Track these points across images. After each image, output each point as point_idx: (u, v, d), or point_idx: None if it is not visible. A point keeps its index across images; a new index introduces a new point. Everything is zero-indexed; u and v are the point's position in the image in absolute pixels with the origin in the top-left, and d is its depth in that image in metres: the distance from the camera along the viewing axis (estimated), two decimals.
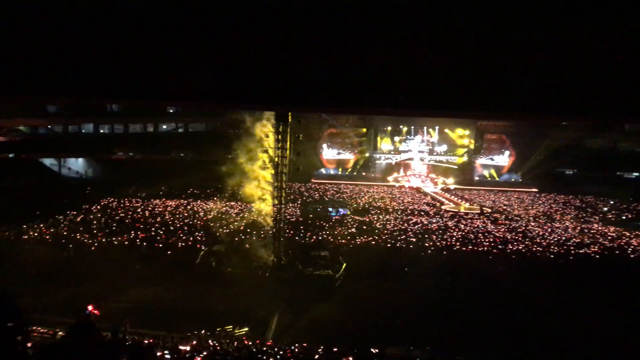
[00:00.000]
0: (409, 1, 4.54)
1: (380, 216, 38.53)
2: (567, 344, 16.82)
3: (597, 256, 29.18)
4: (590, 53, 4.57)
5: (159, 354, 11.48)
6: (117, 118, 56.45)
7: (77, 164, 54.01)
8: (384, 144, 63.87)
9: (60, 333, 13.62)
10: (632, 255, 29.64)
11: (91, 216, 34.05)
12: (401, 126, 63.00)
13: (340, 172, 62.34)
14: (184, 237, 29.79)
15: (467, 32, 4.62)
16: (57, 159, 52.54)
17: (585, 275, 24.85)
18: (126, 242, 28.57)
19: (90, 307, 13.71)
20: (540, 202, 49.97)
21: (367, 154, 63.61)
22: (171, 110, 58.20)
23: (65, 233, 29.63)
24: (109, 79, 5.47)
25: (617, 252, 30.29)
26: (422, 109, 5.82)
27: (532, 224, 38.29)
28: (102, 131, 57.71)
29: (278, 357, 13.89)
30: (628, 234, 35.37)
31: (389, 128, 63.39)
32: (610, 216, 42.94)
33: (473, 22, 4.53)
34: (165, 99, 5.37)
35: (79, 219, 32.96)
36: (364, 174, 62.20)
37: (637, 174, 56.50)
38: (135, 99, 6.23)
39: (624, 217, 42.59)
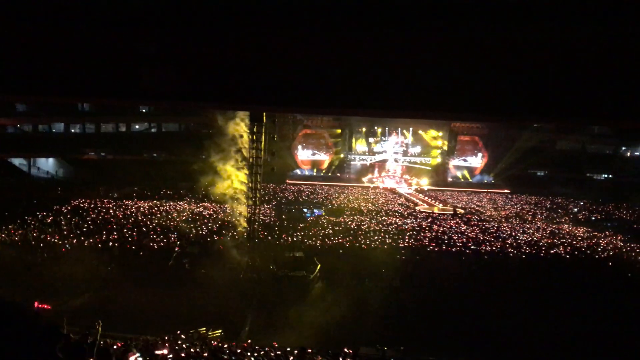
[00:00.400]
0: (383, 1, 4.55)
1: (355, 217, 38.65)
2: (536, 343, 17.04)
3: (567, 256, 29.71)
4: (561, 56, 4.64)
5: (131, 358, 11.29)
6: (89, 117, 55.52)
7: (47, 164, 52.97)
8: (359, 145, 64.12)
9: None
10: (601, 255, 30.22)
11: (61, 217, 33.37)
12: (376, 127, 63.33)
13: (315, 173, 62.37)
14: (157, 239, 29.38)
15: (443, 33, 4.64)
16: (27, 159, 51.43)
17: (555, 275, 25.29)
18: (98, 244, 28.06)
19: (36, 304, 13.47)
20: (512, 203, 50.76)
21: (341, 155, 63.77)
22: (144, 110, 57.49)
23: (35, 234, 28.99)
24: (80, 77, 5.36)
25: (587, 252, 30.87)
26: (396, 110, 5.84)
27: (504, 224, 38.86)
28: (73, 131, 56.69)
29: (252, 358, 13.80)
30: (597, 235, 36.14)
31: (364, 129, 63.67)
32: (580, 217, 43.84)
33: (447, 24, 4.56)
34: (138, 98, 5.30)
35: (49, 220, 32.26)
36: (338, 174, 62.35)
37: (605, 175, 57.76)
38: (107, 98, 6.12)
39: (593, 218, 43.52)
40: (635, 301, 21.75)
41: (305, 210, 41.78)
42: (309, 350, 15.48)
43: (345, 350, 15.79)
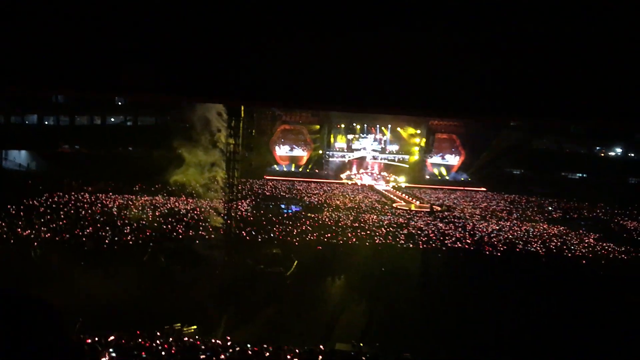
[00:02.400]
0: None
1: (333, 213, 38.67)
2: (510, 340, 17.22)
3: (542, 253, 30.13)
4: (540, 55, 4.62)
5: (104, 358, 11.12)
6: (63, 110, 54.56)
7: (20, 157, 51.89)
8: (338, 141, 64.12)
9: None
10: (575, 254, 30.70)
11: (33, 211, 32.72)
12: (354, 124, 63.40)
13: (293, 169, 62.22)
14: (131, 234, 28.99)
15: (424, 31, 4.59)
16: None
17: (529, 273, 25.61)
18: (71, 238, 27.57)
19: None
20: (488, 201, 51.31)
21: (320, 152, 63.75)
22: (119, 103, 56.73)
23: (5, 228, 28.38)
24: (57, 69, 5.17)
25: (560, 250, 31.35)
26: (374, 106, 5.75)
27: (480, 222, 39.26)
28: (47, 123, 55.65)
29: (228, 354, 13.68)
30: (571, 233, 36.73)
31: (343, 125, 63.70)
32: (554, 215, 44.51)
33: (428, 21, 4.51)
34: (113, 91, 5.11)
35: (20, 213, 31.59)
36: (317, 171, 62.34)
37: (580, 174, 58.75)
38: (85, 91, 5.91)
39: (567, 217, 44.22)
40: (607, 299, 22.20)
41: (283, 206, 41.69)
42: (285, 347, 15.45)
43: (321, 347, 15.78)
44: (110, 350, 12.48)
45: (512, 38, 4.65)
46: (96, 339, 13.71)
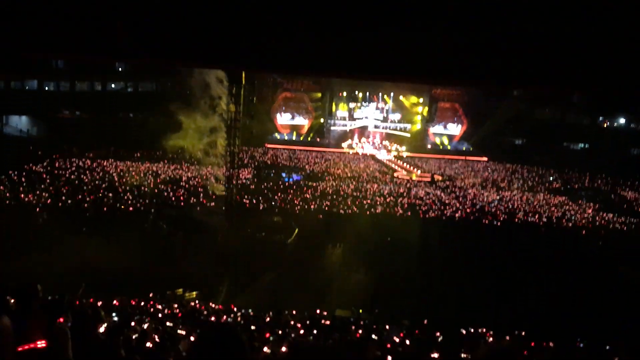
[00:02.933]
0: None
1: (333, 182, 38.72)
2: (507, 306, 17.41)
3: (541, 224, 30.26)
4: (543, 21, 4.55)
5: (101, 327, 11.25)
6: (63, 75, 54.11)
7: (20, 122, 51.66)
8: (339, 110, 63.64)
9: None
10: (575, 224, 30.81)
11: (34, 176, 32.75)
12: (357, 92, 62.84)
13: (294, 138, 61.95)
14: (133, 200, 29.09)
15: None
16: None
17: (527, 242, 25.75)
18: (73, 205, 27.66)
19: None
20: (489, 170, 51.27)
21: (321, 120, 63.36)
22: (120, 69, 56.23)
23: (7, 194, 28.46)
24: (53, 31, 5.10)
25: (560, 220, 31.45)
26: (377, 73, 5.69)
27: (481, 191, 39.31)
28: (47, 89, 55.27)
29: (229, 320, 13.88)
30: (571, 204, 36.80)
31: (344, 93, 63.11)
32: (556, 186, 44.53)
33: None
34: (111, 55, 5.05)
35: (22, 179, 31.60)
36: (318, 139, 62.02)
37: (582, 145, 58.53)
38: (81, 54, 5.83)
39: (568, 187, 44.24)
40: (605, 270, 22.41)
41: (283, 174, 41.72)
42: (285, 312, 15.67)
43: (321, 313, 16.01)
44: (113, 314, 12.66)
45: (516, 4, 4.57)
46: (99, 303, 13.90)
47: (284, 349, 7.70)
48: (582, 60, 4.76)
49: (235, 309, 16.03)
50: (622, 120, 58.69)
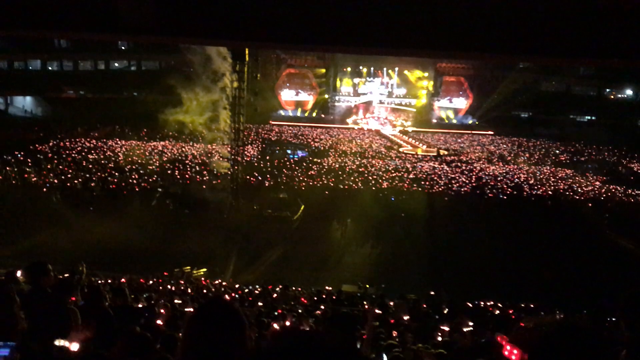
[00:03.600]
0: None
1: (339, 158, 38.67)
2: (514, 281, 17.47)
3: (548, 196, 30.19)
4: None
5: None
6: (67, 54, 53.96)
7: (24, 102, 51.67)
8: (344, 85, 63.19)
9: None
10: (581, 197, 30.73)
11: (41, 157, 32.85)
12: (361, 67, 62.29)
13: (299, 114, 61.70)
14: (139, 179, 29.17)
15: None
16: (3, 97, 50.03)
17: (534, 215, 25.73)
18: (80, 184, 27.77)
19: None
20: (495, 144, 51.06)
21: (326, 96, 62.97)
22: (123, 47, 55.95)
23: (13, 175, 28.57)
24: (52, 9, 5.05)
25: (566, 193, 31.37)
26: (382, 47, 5.62)
27: (487, 165, 39.21)
28: (50, 68, 55.16)
29: (236, 296, 14.00)
30: (578, 176, 36.68)
31: (349, 69, 62.58)
32: (562, 158, 44.32)
33: None
34: (115, 32, 5.02)
35: (28, 160, 31.71)
36: (322, 116, 61.76)
37: (589, 117, 58.01)
38: (82, 32, 5.80)
39: (575, 160, 44.02)
40: (612, 240, 22.44)
41: (289, 151, 41.68)
42: (293, 288, 15.80)
43: (328, 288, 16.12)
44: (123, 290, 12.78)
45: None
46: (109, 280, 14.05)
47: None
48: (588, 31, 4.68)
49: (242, 286, 16.17)
50: (628, 92, 58.06)
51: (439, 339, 6.59)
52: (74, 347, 3.22)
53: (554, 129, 53.28)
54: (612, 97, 58.87)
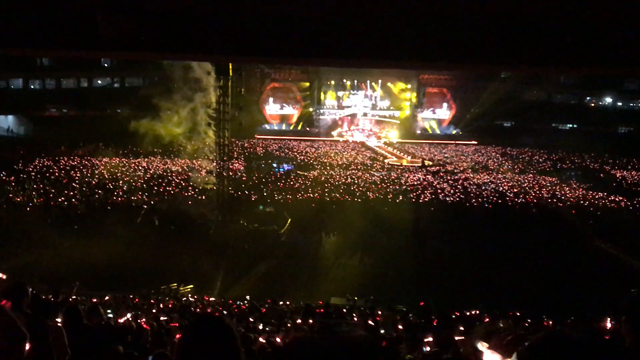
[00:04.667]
0: None
1: (325, 171, 38.69)
2: (502, 289, 17.52)
3: (532, 204, 30.41)
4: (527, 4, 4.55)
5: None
6: (49, 72, 53.56)
7: (6, 121, 51.06)
8: (328, 99, 63.45)
9: None
10: (565, 204, 30.98)
11: (24, 176, 32.45)
12: (344, 80, 62.62)
13: (284, 128, 61.77)
14: (124, 196, 28.91)
15: None
16: None
17: (519, 224, 25.88)
18: (64, 202, 27.45)
19: None
20: (479, 154, 51.45)
21: (310, 109, 63.13)
22: (106, 65, 55.70)
23: None
24: (33, 27, 5.04)
25: (550, 200, 31.62)
26: (364, 59, 5.68)
27: (471, 175, 39.46)
28: (32, 87, 54.69)
29: (225, 312, 13.89)
30: (561, 184, 37.02)
31: (333, 82, 62.87)
32: (545, 166, 44.74)
33: None
34: (94, 48, 5.01)
35: (11, 179, 31.30)
36: (307, 129, 61.86)
37: (570, 125, 58.70)
38: (62, 49, 5.80)
39: (558, 167, 44.46)
40: (596, 247, 22.64)
41: (274, 165, 41.64)
42: (280, 302, 15.70)
43: (317, 302, 16.03)
44: (108, 311, 12.62)
45: None
46: (93, 300, 13.86)
47: (278, 339, 7.72)
48: (568, 40, 4.76)
49: (230, 301, 16.05)
50: (608, 99, 58.92)
51: (427, 349, 6.57)
52: None
53: (537, 137, 53.82)
54: (593, 104, 59.68)
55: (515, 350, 2.00)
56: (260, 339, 7.33)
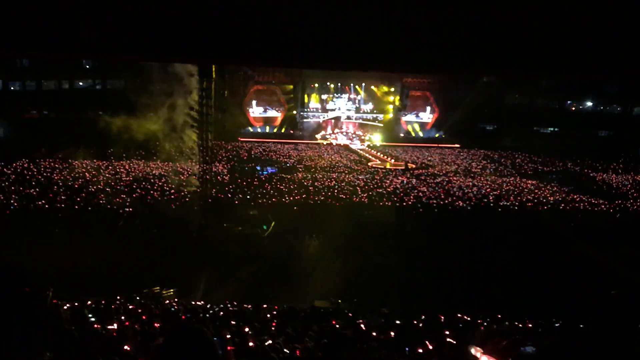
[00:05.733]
0: None
1: (308, 174, 38.68)
2: (483, 292, 17.64)
3: (515, 208, 30.70)
4: (511, 8, 4.58)
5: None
6: (29, 74, 52.91)
7: None
8: (312, 101, 63.55)
9: None
10: (547, 207, 31.33)
11: (4, 179, 31.99)
12: (328, 83, 62.76)
13: (267, 130, 61.72)
14: (105, 199, 28.60)
15: None
16: None
17: (501, 226, 26.16)
18: (44, 205, 27.09)
19: None
20: (461, 157, 51.82)
21: (294, 112, 63.17)
22: (87, 67, 55.16)
23: None
24: (10, 28, 4.96)
25: (532, 203, 31.95)
26: (348, 62, 5.67)
27: (454, 178, 39.72)
28: (12, 88, 53.97)
29: (207, 315, 13.77)
30: (543, 187, 37.42)
31: (316, 85, 62.98)
32: (527, 169, 45.22)
33: None
34: (74, 50, 4.94)
35: None
36: (291, 132, 61.91)
37: (552, 128, 59.48)
38: (40, 51, 5.71)
39: (539, 170, 44.98)
40: (577, 249, 22.89)
41: (258, 168, 41.54)
42: (264, 306, 15.63)
43: (301, 305, 15.99)
44: (90, 315, 12.45)
45: None
46: (75, 304, 13.66)
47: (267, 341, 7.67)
48: (550, 45, 4.80)
49: (213, 305, 15.93)
50: (589, 103, 59.78)
51: (420, 351, 6.58)
52: None
53: (519, 140, 54.44)
54: (573, 109, 60.52)
55: (511, 356, 2.00)
56: (250, 343, 7.29)
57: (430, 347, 6.35)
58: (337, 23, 4.91)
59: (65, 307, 11.60)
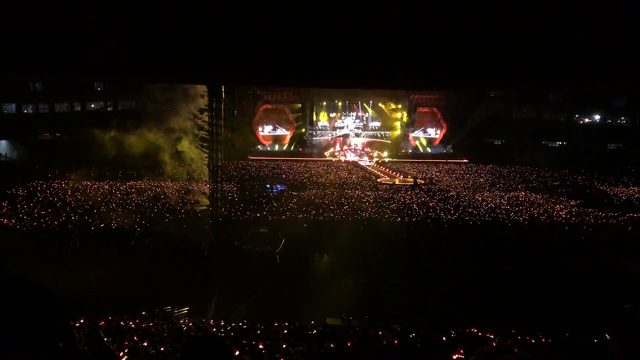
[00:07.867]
0: None
1: (318, 191, 38.78)
2: (497, 308, 17.55)
3: (525, 222, 30.58)
4: (515, 21, 4.69)
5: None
6: (42, 97, 53.68)
7: (0, 146, 50.98)
8: (320, 120, 63.97)
9: None
10: (557, 220, 31.20)
11: (17, 200, 32.33)
12: (336, 101, 63.16)
13: (277, 149, 62.05)
14: (117, 219, 28.82)
15: (399, 3, 4.62)
16: None
17: (512, 241, 26.04)
18: (57, 226, 27.33)
19: None
20: (470, 172, 51.74)
21: (303, 130, 63.51)
22: (99, 89, 55.91)
23: None
24: (22, 50, 5.11)
25: (543, 217, 31.82)
26: (356, 80, 5.79)
27: (463, 193, 39.66)
28: (25, 111, 54.77)
29: (221, 334, 13.84)
30: (553, 200, 37.27)
31: (324, 103, 63.42)
32: (536, 184, 45.05)
33: None
34: (83, 73, 5.07)
35: (4, 204, 31.16)
36: (300, 149, 62.17)
37: (560, 142, 59.32)
38: (52, 73, 5.84)
39: (549, 184, 44.79)
40: (588, 263, 22.76)
41: (268, 186, 41.71)
42: (275, 324, 15.65)
43: (312, 322, 16.01)
44: (102, 334, 12.52)
45: (490, 5, 4.70)
46: (88, 323, 13.76)
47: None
48: (558, 58, 4.90)
49: (225, 323, 15.98)
50: (597, 117, 59.67)
51: None
52: None
53: (527, 154, 54.30)
54: (581, 122, 60.40)
55: None
56: None
57: None
58: (346, 41, 5.03)
59: (77, 326, 11.72)
